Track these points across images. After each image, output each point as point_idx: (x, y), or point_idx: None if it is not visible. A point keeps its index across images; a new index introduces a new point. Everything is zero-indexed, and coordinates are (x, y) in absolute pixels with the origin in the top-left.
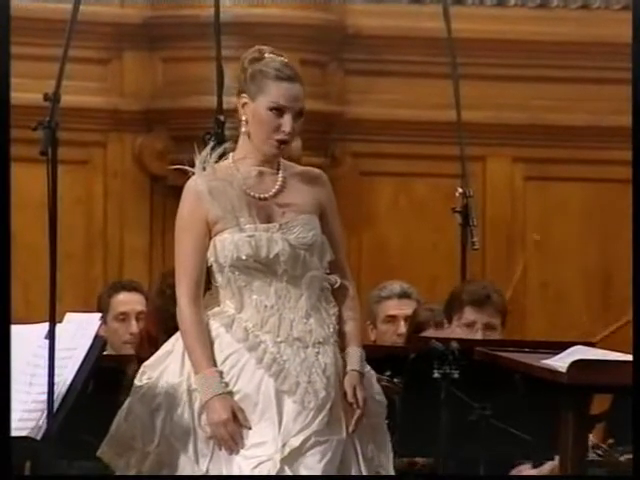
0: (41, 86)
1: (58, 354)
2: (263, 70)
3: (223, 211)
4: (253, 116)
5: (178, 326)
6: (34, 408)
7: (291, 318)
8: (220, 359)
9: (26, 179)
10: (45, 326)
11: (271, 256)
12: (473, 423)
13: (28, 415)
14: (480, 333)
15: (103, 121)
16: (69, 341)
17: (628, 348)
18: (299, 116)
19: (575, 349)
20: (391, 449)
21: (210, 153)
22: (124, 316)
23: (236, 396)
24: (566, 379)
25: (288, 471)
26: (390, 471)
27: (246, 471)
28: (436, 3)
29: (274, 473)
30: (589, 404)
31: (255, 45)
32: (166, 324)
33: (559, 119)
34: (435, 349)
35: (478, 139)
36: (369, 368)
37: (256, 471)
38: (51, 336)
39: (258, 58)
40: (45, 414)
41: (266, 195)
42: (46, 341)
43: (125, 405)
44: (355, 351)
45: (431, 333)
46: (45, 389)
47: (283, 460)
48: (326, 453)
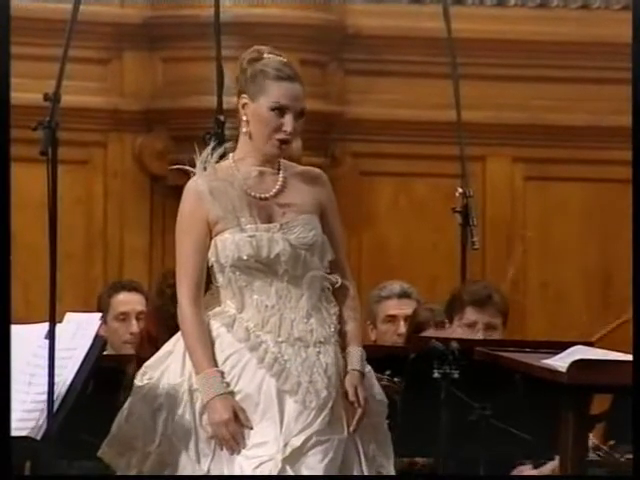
0: (41, 86)
1: (58, 354)
2: (263, 70)
3: (224, 211)
4: (254, 116)
5: (179, 326)
6: (34, 408)
7: (292, 318)
8: (221, 359)
9: (26, 179)
10: (45, 326)
11: (272, 256)
12: (473, 423)
13: (28, 415)
14: (481, 333)
15: (103, 121)
16: (69, 341)
17: (628, 348)
18: (300, 116)
19: (575, 349)
20: (392, 449)
21: (211, 153)
22: (124, 316)
23: (237, 396)
24: (566, 379)
25: (290, 471)
26: (391, 471)
27: (247, 471)
28: (436, 3)
29: (276, 473)
30: (589, 404)
31: (255, 45)
32: (166, 324)
33: (559, 119)
34: (435, 349)
35: (478, 139)
36: (369, 368)
37: (257, 471)
38: (51, 336)
39: (257, 58)
40: (45, 414)
41: (267, 195)
42: (46, 341)
43: (126, 405)
44: (356, 351)
45: (431, 333)
46: (45, 389)
47: (285, 460)
48: (328, 453)
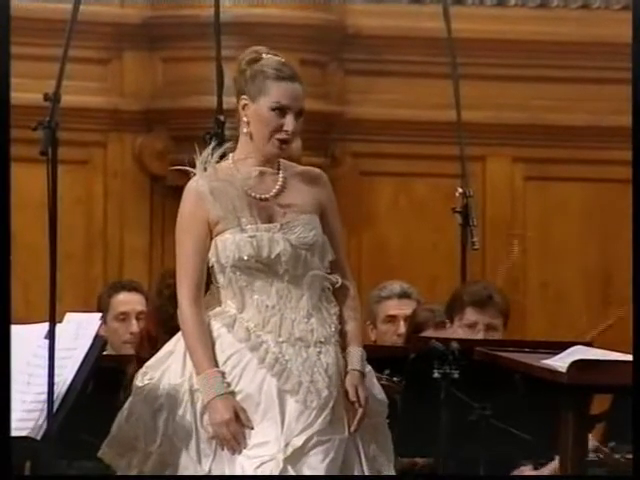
0: (41, 86)
1: (58, 354)
2: (263, 71)
3: (224, 211)
4: (255, 117)
5: (177, 326)
6: (34, 408)
7: (292, 318)
8: (222, 359)
9: (26, 179)
10: (45, 326)
11: (272, 256)
12: (473, 423)
13: (28, 415)
14: (482, 334)
15: (103, 121)
16: (69, 341)
17: (628, 348)
18: (299, 115)
19: (575, 349)
20: (392, 449)
21: (211, 153)
22: (124, 316)
23: (238, 396)
24: (566, 379)
25: (291, 471)
26: (391, 471)
27: (249, 471)
28: (436, 3)
29: (277, 473)
30: (589, 404)
31: (254, 45)
32: (166, 324)
33: (559, 119)
34: (435, 349)
35: (478, 139)
36: (370, 368)
37: (259, 471)
38: (51, 336)
39: (256, 59)
40: (45, 414)
41: (267, 195)
42: (46, 341)
43: (126, 405)
44: (356, 351)
45: (431, 333)
46: (45, 389)
47: (286, 460)
48: (329, 452)
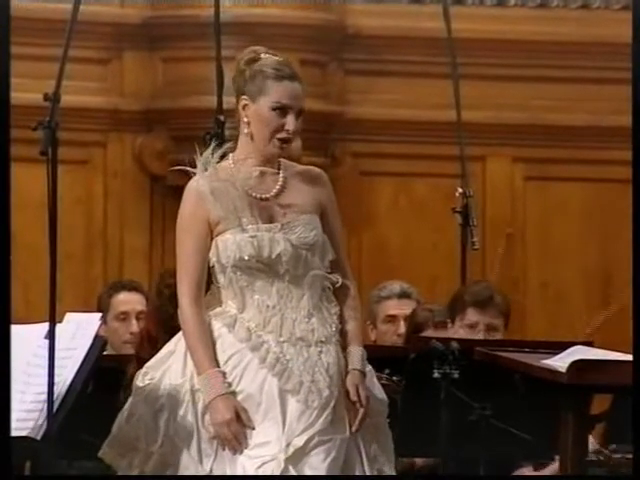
0: (41, 86)
1: (58, 354)
2: (262, 70)
3: (225, 212)
4: (255, 117)
5: (177, 326)
6: (34, 408)
7: (293, 318)
8: (223, 359)
9: (26, 179)
10: (45, 326)
11: (273, 256)
12: (473, 423)
13: (28, 415)
14: (482, 334)
15: (103, 121)
16: (69, 341)
17: (628, 348)
18: (300, 115)
19: (575, 349)
20: (393, 448)
21: (212, 154)
22: (125, 316)
23: (239, 396)
24: (566, 379)
25: (292, 471)
26: (392, 471)
27: (250, 471)
28: (436, 3)
29: (278, 473)
30: (589, 404)
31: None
32: (166, 324)
33: (559, 119)
34: (435, 349)
35: (478, 139)
36: (370, 367)
37: (260, 471)
38: (51, 336)
39: (255, 59)
40: (45, 414)
41: (267, 195)
42: (46, 341)
43: (127, 406)
44: (356, 350)
45: (430, 333)
46: (45, 389)
47: (287, 460)
48: (330, 452)
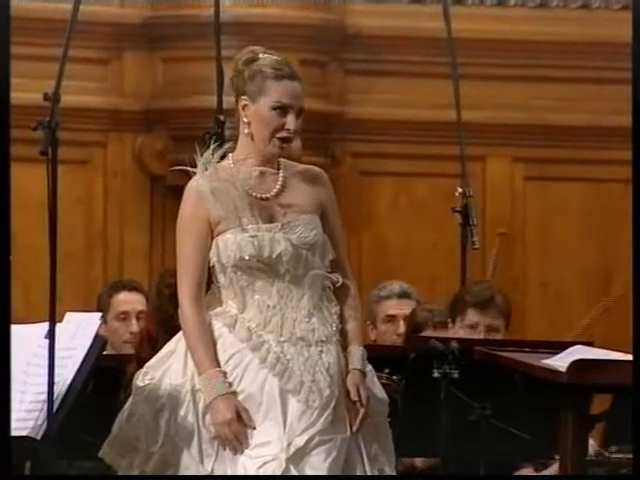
0: (41, 86)
1: (58, 354)
2: (261, 70)
3: (225, 211)
4: (255, 117)
5: (177, 326)
6: (34, 408)
7: (294, 317)
8: (223, 359)
9: (26, 179)
10: (45, 326)
11: (274, 256)
12: (473, 423)
13: (28, 415)
14: (483, 335)
15: (103, 121)
16: (69, 341)
17: (628, 348)
18: (300, 114)
19: (575, 349)
20: (393, 448)
21: (212, 154)
22: (125, 315)
23: (240, 396)
24: (566, 379)
25: (294, 471)
26: (392, 470)
27: (251, 471)
28: (436, 3)
29: (279, 473)
30: (589, 404)
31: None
32: (166, 324)
33: (559, 119)
34: (435, 349)
35: (478, 139)
36: (370, 367)
37: (261, 471)
38: (51, 336)
39: (253, 59)
40: (45, 414)
41: (268, 195)
42: (46, 341)
43: (127, 405)
44: (357, 350)
45: (429, 334)
46: (45, 389)
47: (288, 460)
48: (331, 452)
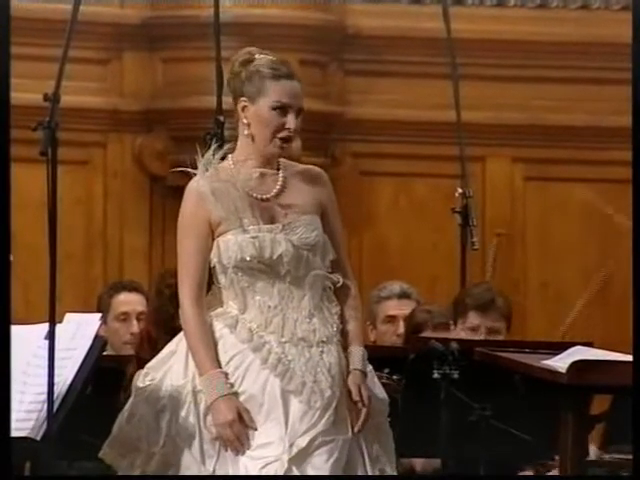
0: (41, 86)
1: (58, 354)
2: (259, 71)
3: (226, 212)
4: (255, 118)
5: (178, 326)
6: (34, 408)
7: (295, 318)
8: (224, 360)
9: (26, 179)
10: (45, 326)
11: (275, 257)
12: (473, 423)
13: (28, 415)
14: (484, 337)
15: (103, 121)
16: (69, 341)
17: (628, 348)
18: (300, 113)
19: (575, 349)
20: (394, 448)
21: (213, 155)
22: (125, 316)
23: (241, 397)
24: (566, 379)
25: (295, 471)
26: (393, 470)
27: (253, 472)
28: (436, 3)
29: (282, 473)
30: (589, 404)
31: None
32: (166, 324)
33: (559, 119)
34: (435, 349)
35: (478, 139)
36: (370, 367)
37: (264, 471)
38: (51, 336)
39: (249, 60)
40: (45, 414)
41: (268, 196)
42: (46, 341)
43: (127, 406)
44: (357, 350)
45: (429, 334)
46: (45, 389)
47: (290, 460)
48: (333, 453)
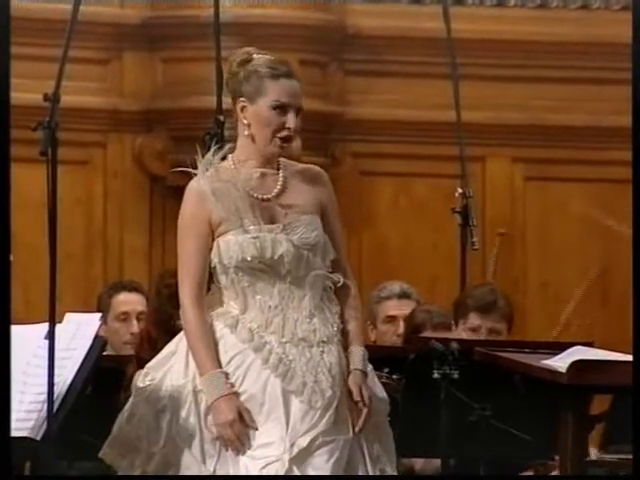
0: (41, 86)
1: (58, 354)
2: (257, 70)
3: (227, 212)
4: (255, 118)
5: (178, 326)
6: (34, 408)
7: (295, 318)
8: (225, 360)
9: (26, 179)
10: (45, 326)
11: (275, 257)
12: (473, 423)
13: (28, 415)
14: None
15: (103, 121)
16: (69, 341)
17: (628, 348)
18: (299, 112)
19: (575, 349)
20: (394, 447)
21: (213, 155)
22: (125, 316)
23: (242, 397)
24: (566, 379)
25: (296, 471)
26: (394, 470)
27: (254, 471)
28: (436, 3)
29: (282, 473)
30: (589, 404)
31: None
32: (165, 324)
33: (559, 119)
34: (435, 349)
35: (478, 139)
36: (371, 367)
37: (264, 471)
38: (51, 336)
39: (247, 60)
40: (45, 414)
41: (268, 196)
42: (46, 341)
43: (127, 406)
44: (358, 350)
45: (428, 334)
46: (45, 389)
47: (291, 460)
48: (333, 453)
